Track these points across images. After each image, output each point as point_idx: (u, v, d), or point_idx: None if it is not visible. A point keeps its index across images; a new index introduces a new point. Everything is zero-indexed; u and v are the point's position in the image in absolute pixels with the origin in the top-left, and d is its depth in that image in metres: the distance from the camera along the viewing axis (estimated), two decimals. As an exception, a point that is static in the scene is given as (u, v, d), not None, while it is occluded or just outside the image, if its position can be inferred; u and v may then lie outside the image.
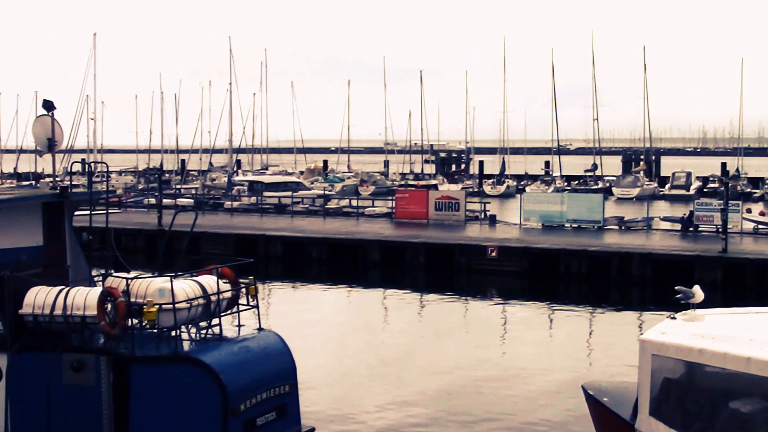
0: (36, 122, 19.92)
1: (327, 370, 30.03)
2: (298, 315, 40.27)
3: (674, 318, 17.39)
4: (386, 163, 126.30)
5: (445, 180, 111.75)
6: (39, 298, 16.59)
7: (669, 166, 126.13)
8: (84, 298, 16.36)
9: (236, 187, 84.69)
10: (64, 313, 16.37)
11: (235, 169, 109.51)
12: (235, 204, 74.60)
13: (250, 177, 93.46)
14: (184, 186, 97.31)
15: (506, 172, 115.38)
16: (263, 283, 45.63)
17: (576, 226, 57.34)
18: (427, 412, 25.75)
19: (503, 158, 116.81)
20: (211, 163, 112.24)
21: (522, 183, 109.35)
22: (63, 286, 16.91)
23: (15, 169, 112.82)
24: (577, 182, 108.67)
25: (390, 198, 69.92)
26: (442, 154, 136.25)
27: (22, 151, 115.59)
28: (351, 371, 30.65)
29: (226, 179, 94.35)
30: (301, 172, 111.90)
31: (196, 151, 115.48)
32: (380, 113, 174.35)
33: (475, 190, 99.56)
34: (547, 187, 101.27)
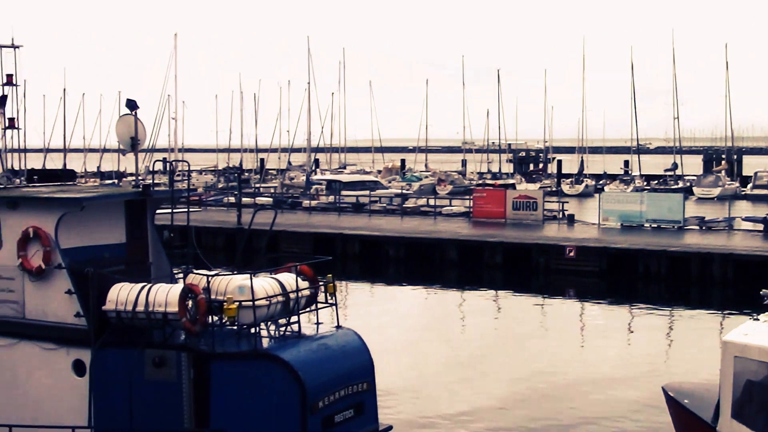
0: (119, 121, 20.25)
1: (404, 369, 30.04)
2: (375, 313, 40.35)
3: (757, 319, 17.07)
4: (464, 162, 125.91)
5: (523, 179, 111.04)
6: (122, 294, 16.87)
7: (751, 165, 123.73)
8: (165, 295, 16.60)
9: (314, 186, 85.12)
10: (146, 309, 16.62)
11: (313, 168, 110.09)
12: (314, 203, 74.97)
13: (328, 176, 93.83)
14: (263, 185, 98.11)
15: (585, 172, 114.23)
16: (341, 281, 45.80)
17: (656, 226, 56.56)
18: (503, 413, 25.62)
19: (582, 157, 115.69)
20: (289, 162, 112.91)
21: (601, 182, 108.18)
22: (145, 283, 17.18)
23: (98, 167, 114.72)
24: (656, 182, 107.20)
25: (467, 197, 69.67)
26: (521, 153, 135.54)
27: (105, 150, 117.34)
28: (427, 370, 30.62)
29: (304, 178, 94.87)
30: (379, 171, 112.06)
31: (274, 150, 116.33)
32: (458, 112, 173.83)
33: (554, 189, 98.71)
34: (626, 187, 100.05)
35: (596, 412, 25.92)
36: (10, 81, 20.36)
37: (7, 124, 20.51)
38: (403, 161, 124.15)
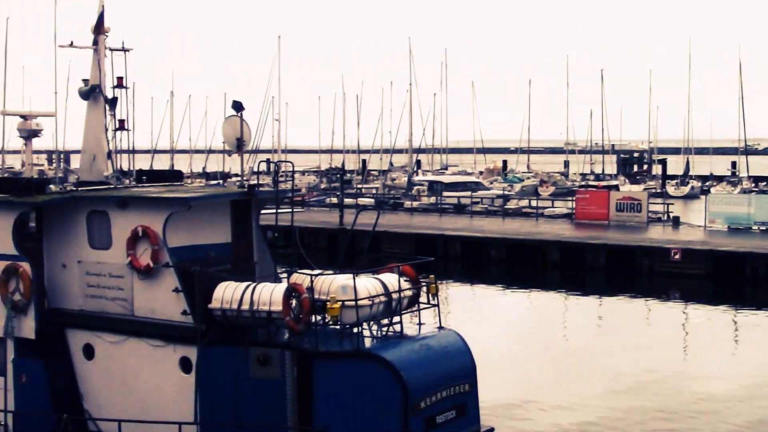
0: (226, 123, 20.53)
1: (506, 371, 29.89)
2: (477, 314, 40.24)
3: None
4: (566, 164, 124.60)
5: (627, 180, 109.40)
6: (227, 293, 17.11)
7: None
8: (270, 294, 16.79)
9: (416, 187, 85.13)
10: (250, 308, 16.83)
11: (415, 169, 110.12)
12: (415, 204, 75.06)
13: (430, 177, 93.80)
14: (365, 186, 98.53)
15: (690, 173, 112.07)
16: (442, 282, 45.79)
17: (764, 228, 55.20)
18: (605, 416, 25.31)
19: (687, 158, 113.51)
20: (391, 163, 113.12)
21: (707, 184, 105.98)
22: (250, 282, 17.39)
23: (204, 168, 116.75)
24: (765, 183, 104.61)
25: (570, 198, 69.02)
26: (624, 154, 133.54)
27: (210, 151, 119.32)
28: (530, 372, 30.42)
29: (406, 179, 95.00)
30: (481, 172, 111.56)
31: (376, 151, 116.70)
32: (561, 113, 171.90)
33: (658, 190, 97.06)
34: (733, 188, 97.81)
35: (697, 413, 25.47)
36: (120, 84, 20.81)
37: (117, 126, 20.97)
38: (504, 162, 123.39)
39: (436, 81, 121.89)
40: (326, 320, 17.21)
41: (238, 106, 20.19)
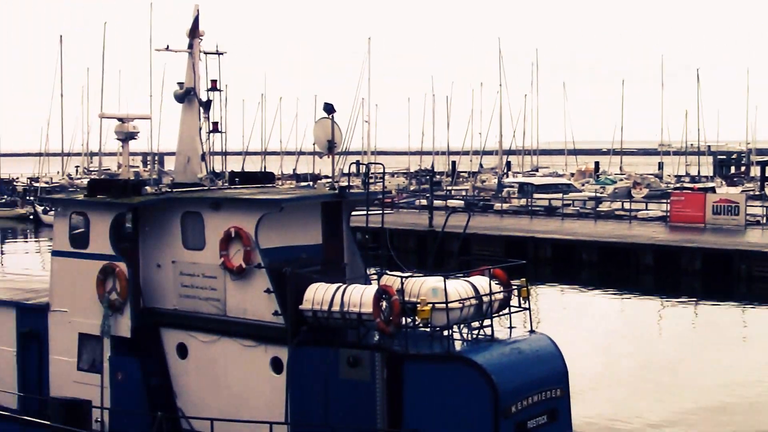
0: (317, 125, 20.65)
1: (597, 376, 29.52)
2: (568, 318, 39.85)
3: None
4: (660, 165, 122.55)
5: (724, 182, 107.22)
6: (318, 294, 17.20)
7: None
8: (360, 296, 16.82)
9: (506, 189, 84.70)
10: (341, 309, 16.89)
11: (505, 170, 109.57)
12: (505, 206, 74.66)
13: (521, 179, 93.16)
14: (454, 187, 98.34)
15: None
16: (533, 285, 45.41)
17: None
18: (696, 425, 24.82)
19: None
20: (481, 165, 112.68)
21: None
22: (340, 284, 17.45)
23: (294, 170, 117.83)
24: None
25: (664, 201, 67.88)
26: (721, 156, 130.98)
27: (301, 152, 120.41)
28: (621, 378, 30.01)
29: (496, 181, 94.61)
30: (572, 174, 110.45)
31: (466, 153, 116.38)
32: (655, 113, 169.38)
33: (757, 193, 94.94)
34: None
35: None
36: (214, 86, 21.04)
37: (211, 128, 21.21)
38: (596, 164, 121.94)
39: (526, 82, 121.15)
40: (416, 322, 17.21)
41: (329, 109, 20.30)
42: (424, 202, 73.43)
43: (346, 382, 16.81)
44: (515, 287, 18.32)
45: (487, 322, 17.60)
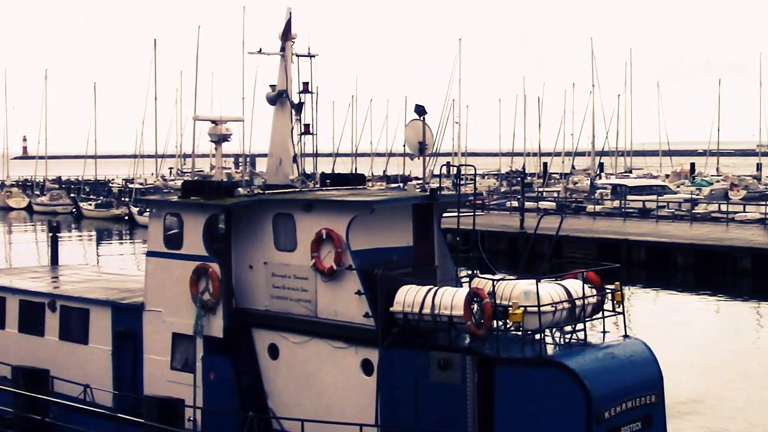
0: (408, 127, 20.62)
1: (693, 382, 28.93)
2: (663, 323, 39.15)
3: None
4: (759, 166, 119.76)
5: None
6: (409, 296, 17.13)
7: None
8: (451, 299, 16.71)
9: (599, 191, 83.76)
10: (432, 312, 16.79)
11: (597, 172, 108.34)
12: (598, 207, 73.81)
13: (614, 180, 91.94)
14: (546, 189, 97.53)
15: None
16: (627, 288, 44.76)
17: None
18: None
19: None
20: (573, 166, 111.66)
21: None
22: (431, 286, 17.36)
23: (384, 171, 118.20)
24: None
25: (763, 203, 66.35)
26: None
27: (391, 154, 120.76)
28: (717, 385, 29.37)
29: (588, 182, 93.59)
30: (667, 176, 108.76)
31: (558, 154, 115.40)
32: (753, 113, 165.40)
33: None
34: None
35: None
36: (306, 89, 21.15)
37: (303, 130, 21.33)
38: (692, 165, 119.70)
39: (619, 82, 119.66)
40: (508, 326, 17.05)
41: (420, 110, 20.25)
42: (515, 203, 72.96)
43: (436, 384, 16.72)
44: (609, 291, 18.05)
45: (579, 326, 17.37)
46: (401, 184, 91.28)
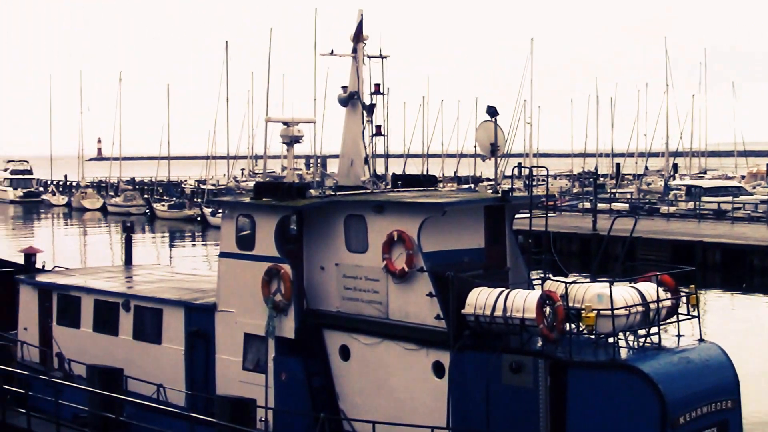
0: (480, 128, 20.52)
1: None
2: (739, 327, 38.45)
3: None
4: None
5: None
6: (480, 298, 17.04)
7: None
8: (523, 301, 16.58)
9: (673, 192, 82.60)
10: (503, 314, 16.69)
11: (671, 173, 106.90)
12: (672, 209, 72.78)
13: (688, 181, 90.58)
14: (618, 190, 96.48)
15: None
16: (701, 291, 44.07)
17: None
18: None
19: None
20: (646, 167, 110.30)
21: None
22: (503, 288, 17.25)
23: (455, 172, 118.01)
24: None
25: (842, 204, 64.85)
26: None
27: (462, 155, 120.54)
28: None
29: (662, 183, 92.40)
30: (743, 177, 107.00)
31: (631, 155, 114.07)
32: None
33: None
34: None
35: None
36: (377, 90, 21.18)
37: (374, 132, 21.34)
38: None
39: (694, 82, 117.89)
40: (581, 329, 16.88)
41: (492, 111, 20.14)
42: (587, 205, 72.30)
43: (508, 388, 16.61)
44: (683, 294, 17.78)
45: (654, 329, 17.13)
46: (472, 185, 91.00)
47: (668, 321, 17.68)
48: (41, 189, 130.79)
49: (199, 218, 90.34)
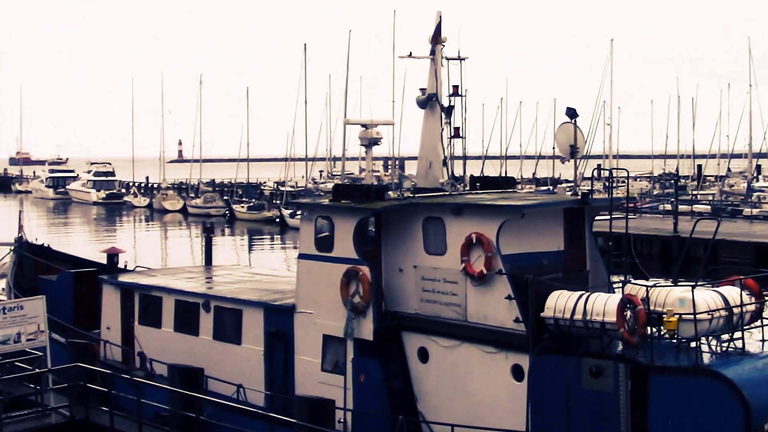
0: (559, 129, 20.37)
1: None
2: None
3: None
4: None
5: None
6: (560, 302, 16.91)
7: None
8: (604, 304, 16.42)
9: (756, 194, 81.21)
10: (583, 318, 16.53)
11: (755, 174, 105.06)
12: (755, 211, 71.54)
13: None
14: (700, 192, 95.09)
15: None
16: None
17: None
18: None
19: None
20: (729, 169, 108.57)
21: None
22: (583, 291, 17.10)
23: (533, 174, 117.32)
24: None
25: None
26: None
27: (540, 157, 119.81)
28: None
29: (745, 185, 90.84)
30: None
31: (713, 156, 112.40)
32: None
33: None
34: None
35: None
36: (456, 92, 21.16)
37: (452, 133, 21.32)
38: None
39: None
40: (662, 333, 16.66)
41: (572, 113, 19.99)
42: (668, 207, 71.36)
43: (588, 392, 16.46)
44: (768, 298, 17.46)
45: (737, 334, 16.83)
46: (551, 187, 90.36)
47: (752, 326, 17.34)
48: (123, 191, 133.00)
49: (277, 220, 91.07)
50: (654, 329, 16.62)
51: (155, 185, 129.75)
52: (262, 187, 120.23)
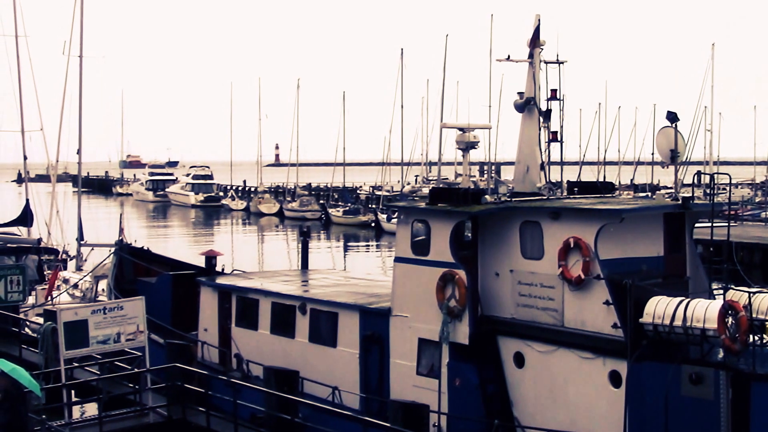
0: (660, 134, 20.10)
1: None
2: None
3: None
4: None
5: None
6: (659, 308, 16.66)
7: None
8: (704, 311, 16.14)
9: None
10: (683, 324, 16.27)
11: None
12: None
13: None
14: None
15: None
16: None
17: None
18: None
19: None
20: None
21: None
22: (683, 297, 16.82)
23: (632, 180, 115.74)
24: None
25: None
26: None
27: (639, 162, 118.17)
28: None
29: None
30: None
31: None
32: None
33: None
34: None
35: None
36: (554, 96, 21.00)
37: (550, 138, 21.17)
38: None
39: None
40: (765, 341, 16.30)
41: (672, 117, 19.72)
42: (771, 214, 69.74)
43: (687, 399, 16.18)
44: None
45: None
46: (649, 193, 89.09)
47: None
48: (221, 194, 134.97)
49: (373, 224, 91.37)
50: (756, 337, 16.26)
51: (252, 188, 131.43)
52: (357, 192, 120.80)
